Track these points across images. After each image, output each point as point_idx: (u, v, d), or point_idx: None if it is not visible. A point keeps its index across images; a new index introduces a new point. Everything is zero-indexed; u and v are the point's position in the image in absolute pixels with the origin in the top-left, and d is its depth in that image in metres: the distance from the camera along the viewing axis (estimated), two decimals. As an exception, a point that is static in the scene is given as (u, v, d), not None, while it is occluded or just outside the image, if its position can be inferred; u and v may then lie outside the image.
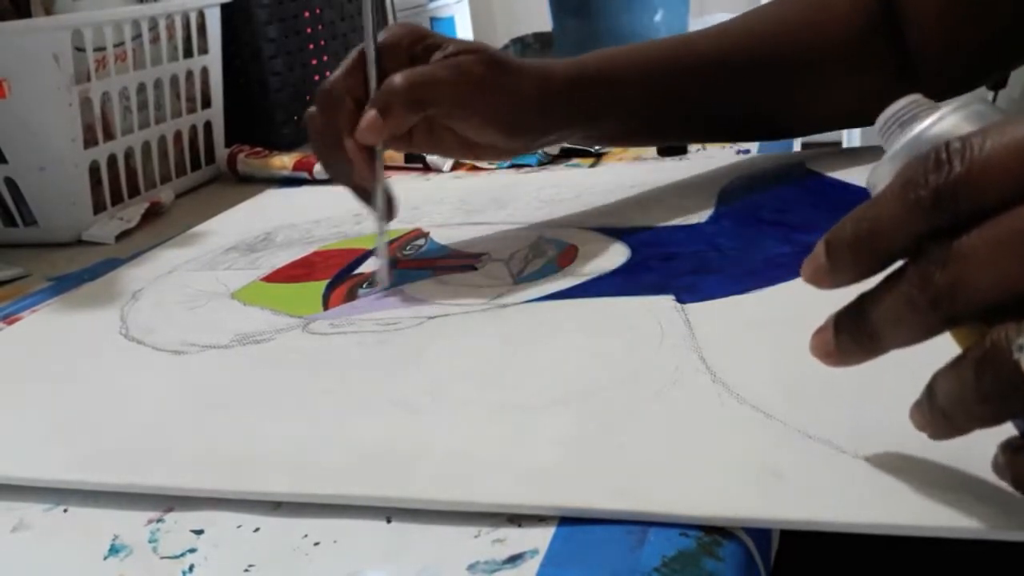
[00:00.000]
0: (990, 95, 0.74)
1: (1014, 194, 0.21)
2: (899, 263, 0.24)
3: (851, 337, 0.25)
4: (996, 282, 0.21)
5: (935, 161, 0.22)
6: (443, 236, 0.56)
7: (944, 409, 0.23)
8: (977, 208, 0.21)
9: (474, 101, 0.48)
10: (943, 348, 0.25)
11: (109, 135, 0.69)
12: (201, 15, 0.79)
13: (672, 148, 0.70)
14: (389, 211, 0.50)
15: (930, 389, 0.24)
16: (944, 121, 0.25)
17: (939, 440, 0.25)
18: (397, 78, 0.46)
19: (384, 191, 0.49)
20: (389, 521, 0.29)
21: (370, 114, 0.46)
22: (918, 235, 0.23)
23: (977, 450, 0.27)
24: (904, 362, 0.32)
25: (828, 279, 0.25)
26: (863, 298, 0.25)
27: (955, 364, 0.23)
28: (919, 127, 0.25)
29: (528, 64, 0.51)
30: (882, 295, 0.24)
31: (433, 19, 1.63)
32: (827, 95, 0.57)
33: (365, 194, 0.50)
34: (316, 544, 0.29)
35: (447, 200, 0.65)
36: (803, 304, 0.40)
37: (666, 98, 0.55)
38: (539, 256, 0.51)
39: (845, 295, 0.32)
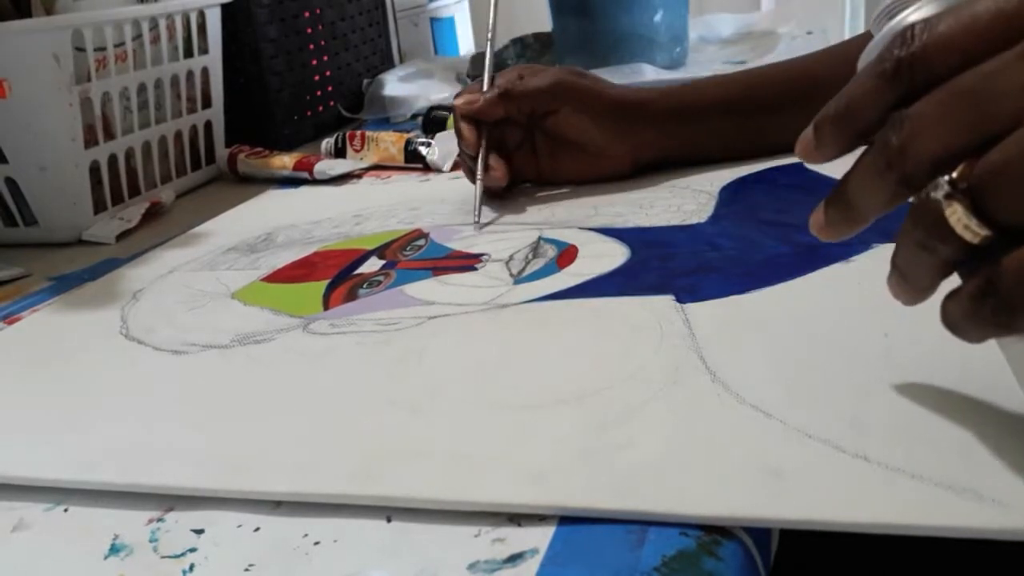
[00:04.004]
0: None
1: (960, 64, 0.23)
2: None
3: (835, 208, 0.27)
4: (937, 139, 0.23)
5: (901, 38, 0.25)
6: (443, 236, 0.57)
7: (900, 268, 0.26)
8: (931, 78, 0.24)
9: (562, 96, 0.60)
10: (942, 347, 0.25)
11: (109, 135, 0.69)
12: (201, 15, 0.79)
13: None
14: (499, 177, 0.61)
15: (893, 254, 0.26)
16: (922, 10, 0.27)
17: (910, 305, 0.26)
18: (492, 89, 0.60)
19: (485, 157, 0.60)
20: (389, 521, 0.29)
21: (470, 102, 0.60)
22: (885, 106, 0.25)
23: (978, 450, 0.28)
24: (904, 363, 0.32)
25: (816, 154, 0.27)
26: (846, 173, 0.27)
27: (904, 222, 0.25)
28: (901, 15, 0.27)
29: (616, 86, 0.64)
30: (855, 165, 0.26)
31: (433, 19, 1.63)
32: None
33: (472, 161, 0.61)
34: (316, 544, 0.29)
35: (447, 200, 0.65)
36: (803, 304, 0.40)
37: (745, 120, 0.62)
38: (539, 256, 0.51)
39: (845, 295, 0.32)
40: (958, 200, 0.23)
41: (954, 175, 0.23)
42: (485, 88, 0.61)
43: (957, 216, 0.23)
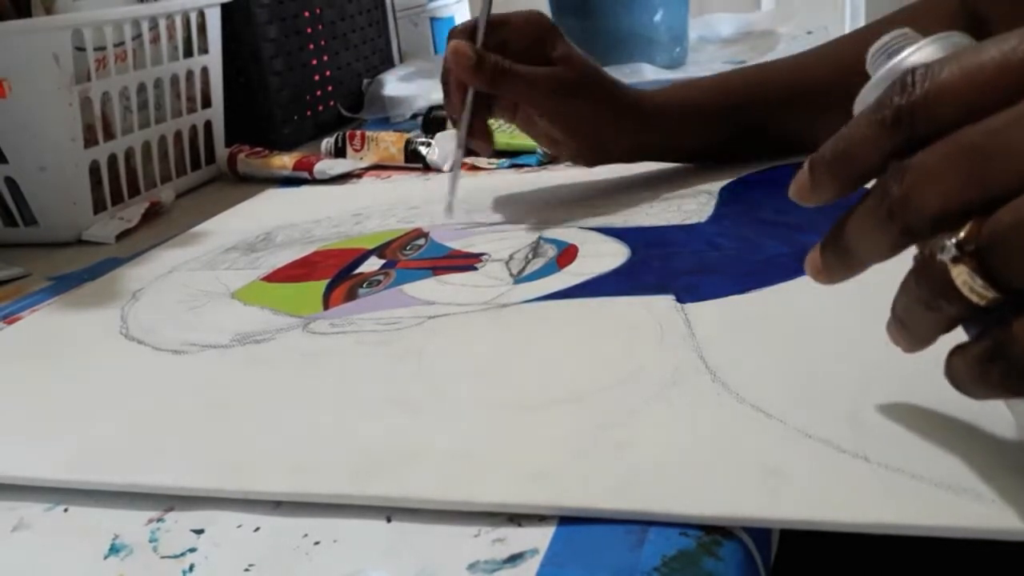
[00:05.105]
0: None
1: (964, 115, 0.23)
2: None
3: (832, 253, 0.27)
4: (941, 192, 0.23)
5: (900, 84, 0.24)
6: (443, 235, 0.57)
7: (902, 320, 0.25)
8: (933, 128, 0.23)
9: (577, 91, 0.56)
10: (942, 348, 0.25)
11: (109, 135, 0.69)
12: (201, 15, 0.79)
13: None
14: (484, 145, 0.57)
15: (893, 303, 0.26)
16: (922, 51, 0.26)
17: (910, 352, 0.26)
18: (494, 57, 0.53)
19: (466, 129, 0.55)
20: (389, 521, 0.29)
21: (464, 57, 0.53)
22: (884, 153, 0.24)
23: (977, 450, 0.28)
24: (903, 363, 0.32)
25: (810, 195, 0.27)
26: (842, 217, 0.26)
27: (906, 276, 0.25)
28: (900, 56, 0.27)
29: (620, 86, 0.59)
30: (854, 210, 0.26)
31: (433, 19, 1.63)
32: None
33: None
34: (316, 544, 0.29)
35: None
36: (803, 304, 0.40)
37: (743, 123, 0.61)
38: (539, 256, 0.51)
39: (844, 295, 0.32)
40: (964, 262, 0.22)
41: (961, 235, 0.22)
42: (479, 40, 0.54)
43: (963, 278, 0.22)
